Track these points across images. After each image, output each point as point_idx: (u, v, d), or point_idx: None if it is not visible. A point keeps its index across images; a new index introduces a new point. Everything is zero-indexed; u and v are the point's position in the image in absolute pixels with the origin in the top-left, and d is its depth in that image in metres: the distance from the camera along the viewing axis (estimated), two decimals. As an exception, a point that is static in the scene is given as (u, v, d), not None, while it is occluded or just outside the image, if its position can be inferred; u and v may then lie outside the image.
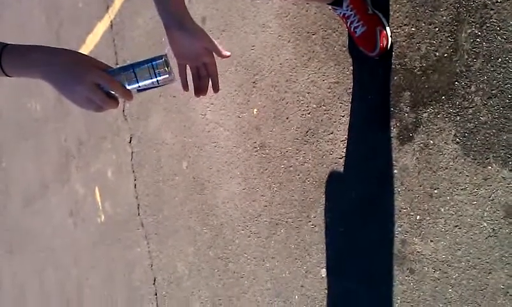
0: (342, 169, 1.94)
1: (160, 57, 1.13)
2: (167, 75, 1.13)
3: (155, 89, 1.17)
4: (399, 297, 1.71)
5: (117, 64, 3.34)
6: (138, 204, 3.13)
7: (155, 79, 1.13)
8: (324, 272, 1.98)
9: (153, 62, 1.12)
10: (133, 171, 3.20)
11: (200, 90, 1.29)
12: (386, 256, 1.75)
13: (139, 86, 1.13)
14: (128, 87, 1.12)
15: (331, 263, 1.95)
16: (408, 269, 1.69)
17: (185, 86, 1.29)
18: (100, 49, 3.57)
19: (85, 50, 3.75)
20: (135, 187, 3.17)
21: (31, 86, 4.65)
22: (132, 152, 3.20)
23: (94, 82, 1.08)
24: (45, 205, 4.46)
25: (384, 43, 1.73)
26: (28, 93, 4.78)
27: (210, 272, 2.53)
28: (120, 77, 1.11)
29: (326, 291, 1.97)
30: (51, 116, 4.32)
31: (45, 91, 4.38)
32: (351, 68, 1.90)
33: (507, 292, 1.46)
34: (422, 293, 1.65)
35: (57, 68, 1.08)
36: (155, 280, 2.94)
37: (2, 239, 5.57)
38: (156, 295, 2.92)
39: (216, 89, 1.30)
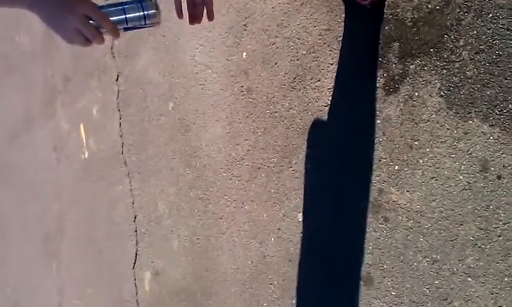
0: (326, 117, 1.94)
1: None
2: (154, 11, 1.15)
3: (142, 29, 1.19)
4: (371, 244, 1.75)
5: (106, 0, 3.27)
6: (122, 143, 3.13)
7: (142, 13, 1.14)
8: (300, 216, 2.01)
9: (142, 1, 1.14)
10: (119, 110, 3.17)
11: (194, 17, 1.28)
12: (363, 203, 1.78)
13: (127, 22, 1.14)
14: (116, 23, 1.13)
15: (308, 208, 1.98)
16: (382, 217, 1.73)
17: (180, 13, 1.27)
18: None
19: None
20: (120, 125, 3.16)
21: (20, 17, 4.55)
22: (118, 90, 3.17)
23: (84, 14, 1.07)
24: (30, 139, 4.44)
25: (378, -9, 1.71)
26: (16, 25, 4.67)
27: (190, 212, 2.56)
28: (109, 12, 1.12)
29: (302, 235, 2.01)
30: (39, 50, 4.24)
31: (33, 24, 4.28)
32: (343, 15, 1.89)
33: (476, 244, 1.50)
34: (394, 241, 1.69)
35: None
36: (135, 217, 2.97)
37: (-15, 172, 5.55)
38: (136, 232, 2.96)
39: (210, 17, 1.29)
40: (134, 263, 2.95)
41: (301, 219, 2.01)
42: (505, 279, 1.44)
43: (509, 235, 1.44)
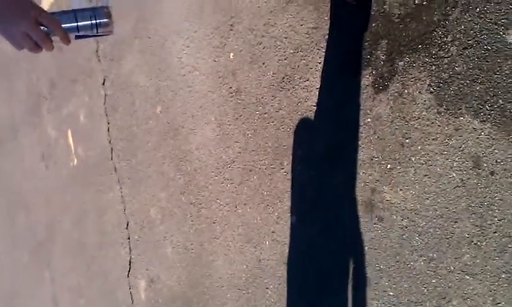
0: (316, 117, 1.92)
1: (103, 7, 1.15)
2: (107, 20, 1.14)
3: (94, 37, 1.18)
4: (366, 244, 1.74)
5: (91, 1, 3.21)
6: (111, 149, 3.09)
7: (94, 22, 1.14)
8: (294, 218, 2.00)
9: (95, 9, 1.14)
10: (106, 115, 3.13)
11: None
12: (356, 203, 1.76)
13: (78, 29, 1.13)
14: (67, 29, 1.12)
15: (302, 210, 1.96)
16: (376, 217, 1.71)
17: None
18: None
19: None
20: (108, 130, 3.12)
21: None
22: (105, 95, 3.13)
23: (35, 18, 1.05)
24: (16, 148, 4.38)
25: (364, -12, 1.69)
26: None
27: (183, 217, 2.53)
28: (60, 18, 1.11)
29: (296, 237, 1.99)
30: (21, 55, 4.18)
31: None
32: (330, 13, 1.86)
33: (472, 241, 1.49)
34: (389, 241, 1.68)
35: None
36: (128, 224, 2.93)
37: (-28, 181, 5.47)
38: (129, 239, 2.92)
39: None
40: (128, 271, 2.92)
41: (295, 221, 1.99)
42: (503, 276, 1.43)
43: (504, 231, 1.43)
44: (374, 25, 1.72)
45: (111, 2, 1.20)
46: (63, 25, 1.11)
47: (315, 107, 1.92)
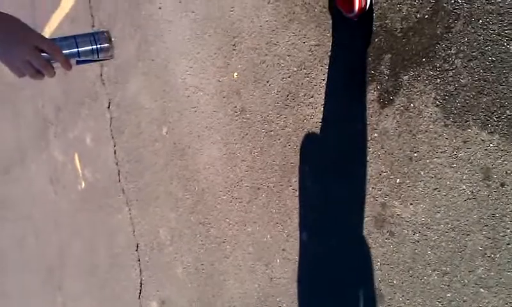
0: (322, 133, 1.92)
1: (103, 32, 1.16)
2: (107, 45, 1.15)
3: (96, 62, 1.19)
4: (379, 259, 1.73)
5: (93, 27, 3.25)
6: (119, 171, 3.10)
7: (94, 47, 1.14)
8: (305, 235, 1.99)
9: (95, 34, 1.15)
10: (112, 137, 3.15)
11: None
12: (367, 219, 1.76)
13: (79, 55, 1.13)
14: (68, 55, 1.12)
15: (312, 227, 1.96)
16: (387, 232, 1.70)
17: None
18: (76, 11, 3.46)
19: (61, 12, 3.64)
20: (115, 153, 3.13)
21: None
22: (111, 118, 3.15)
23: (35, 45, 1.05)
24: (24, 173, 4.40)
25: (363, 3, 1.69)
26: None
27: (193, 238, 2.53)
28: (61, 44, 1.11)
29: (308, 254, 1.98)
30: (27, 80, 4.21)
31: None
32: (332, 30, 1.87)
33: (485, 253, 1.48)
34: (401, 255, 1.67)
35: None
36: (137, 246, 2.93)
37: (-19, 207, 5.50)
38: (139, 261, 2.92)
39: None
40: (140, 293, 2.92)
41: (305, 238, 1.99)
42: (518, 288, 1.42)
43: (517, 242, 1.42)
44: (376, 40, 1.72)
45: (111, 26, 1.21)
46: (63, 51, 1.11)
47: (321, 124, 1.92)
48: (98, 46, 1.16)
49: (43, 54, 1.08)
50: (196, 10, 2.40)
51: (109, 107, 3.17)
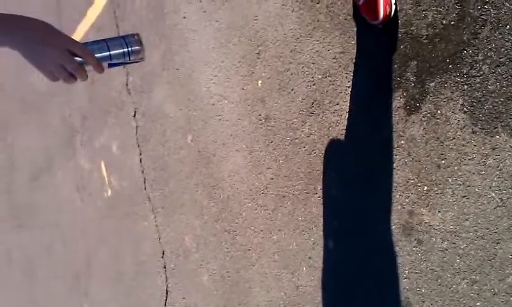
0: (348, 141, 1.92)
1: (133, 34, 1.17)
2: (138, 47, 1.16)
3: (127, 65, 1.20)
4: (406, 268, 1.72)
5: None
6: (144, 179, 3.14)
7: (126, 50, 1.15)
8: (331, 243, 1.99)
9: (126, 37, 1.16)
10: (138, 145, 3.19)
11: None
12: (394, 226, 1.75)
13: (111, 58, 1.14)
14: (100, 58, 1.13)
15: (339, 235, 1.95)
16: (415, 240, 1.69)
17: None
18: (101, 21, 3.52)
19: (87, 22, 3.71)
20: (140, 161, 3.17)
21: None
22: (136, 126, 3.19)
23: (68, 48, 1.06)
24: (51, 180, 4.48)
25: (388, 10, 1.69)
26: (28, 65, 4.74)
27: (218, 245, 2.55)
28: (93, 47, 1.12)
29: (334, 263, 1.98)
30: (55, 90, 4.30)
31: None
32: (356, 37, 1.87)
33: (515, 261, 1.46)
34: (430, 264, 1.65)
35: (29, 34, 1.06)
36: (163, 253, 2.96)
37: (11, 214, 5.62)
38: (165, 268, 2.95)
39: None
40: (166, 300, 2.94)
41: (331, 247, 1.98)
42: (551, 297, 1.39)
43: (549, 250, 1.39)
44: (402, 47, 1.71)
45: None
46: (96, 55, 1.13)
47: (346, 131, 1.92)
48: (130, 49, 1.17)
49: (75, 58, 1.09)
50: (220, 19, 2.42)
51: (134, 116, 3.22)
